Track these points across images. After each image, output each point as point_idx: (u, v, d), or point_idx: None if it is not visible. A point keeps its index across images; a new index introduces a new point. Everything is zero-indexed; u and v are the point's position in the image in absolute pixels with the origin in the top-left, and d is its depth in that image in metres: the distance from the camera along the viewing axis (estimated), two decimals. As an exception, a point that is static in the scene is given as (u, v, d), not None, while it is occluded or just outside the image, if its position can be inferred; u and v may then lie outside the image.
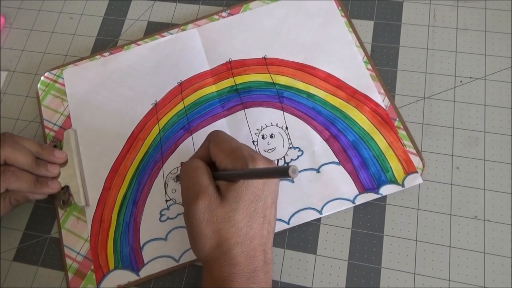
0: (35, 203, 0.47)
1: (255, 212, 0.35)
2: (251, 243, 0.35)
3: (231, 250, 0.35)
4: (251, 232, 0.35)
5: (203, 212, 0.35)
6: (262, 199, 0.36)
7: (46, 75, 0.52)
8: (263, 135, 0.47)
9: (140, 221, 0.45)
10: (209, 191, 0.35)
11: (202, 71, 0.50)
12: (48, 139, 0.49)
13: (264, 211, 0.36)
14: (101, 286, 0.43)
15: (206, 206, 0.35)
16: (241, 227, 0.35)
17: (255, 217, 0.35)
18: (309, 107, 0.47)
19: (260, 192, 0.36)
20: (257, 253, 0.35)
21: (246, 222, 0.35)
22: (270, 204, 0.36)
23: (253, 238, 0.35)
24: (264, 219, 0.36)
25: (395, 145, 0.45)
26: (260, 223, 0.36)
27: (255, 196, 0.35)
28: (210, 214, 0.35)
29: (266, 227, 0.36)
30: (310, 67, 0.49)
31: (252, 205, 0.35)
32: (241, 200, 0.35)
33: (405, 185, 0.43)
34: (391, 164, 0.44)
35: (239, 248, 0.35)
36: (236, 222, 0.35)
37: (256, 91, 0.48)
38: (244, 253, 0.35)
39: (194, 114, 0.48)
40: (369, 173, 0.44)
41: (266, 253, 0.36)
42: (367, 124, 0.46)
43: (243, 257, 0.35)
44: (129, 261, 0.43)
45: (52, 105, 0.51)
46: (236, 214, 0.35)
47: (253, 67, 0.49)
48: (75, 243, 0.45)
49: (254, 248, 0.35)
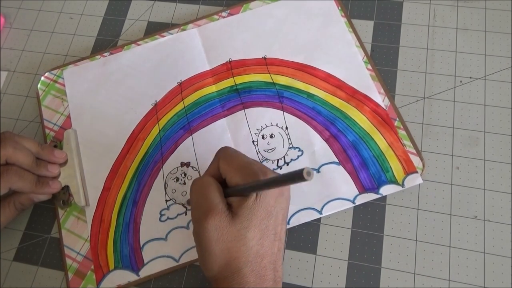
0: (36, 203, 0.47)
1: (267, 229, 0.35)
2: (261, 261, 0.34)
3: (241, 269, 0.34)
4: (262, 250, 0.34)
5: (213, 230, 0.34)
6: (273, 216, 0.35)
7: (46, 75, 0.52)
8: (263, 135, 0.47)
9: (140, 221, 0.45)
10: (220, 209, 0.34)
11: (202, 71, 0.50)
12: (48, 139, 0.49)
13: (275, 227, 0.35)
14: (101, 286, 0.43)
15: (217, 224, 0.34)
16: (252, 246, 0.34)
17: (266, 234, 0.35)
18: (309, 107, 0.47)
19: (271, 209, 0.35)
20: (267, 272, 0.34)
21: (257, 240, 0.34)
22: (281, 221, 0.36)
23: (263, 257, 0.34)
24: (275, 236, 0.35)
25: (395, 145, 0.45)
26: (271, 240, 0.35)
27: (267, 213, 0.34)
28: (220, 232, 0.34)
29: (277, 244, 0.35)
30: (310, 67, 0.49)
31: (264, 222, 0.34)
32: (253, 217, 0.34)
33: (405, 185, 0.43)
34: (391, 164, 0.44)
35: (249, 267, 0.34)
36: (247, 240, 0.34)
37: (256, 91, 0.48)
38: (254, 272, 0.34)
39: (194, 114, 0.48)
40: (369, 173, 0.44)
41: (276, 271, 0.35)
42: (367, 124, 0.46)
43: (252, 276, 0.34)
44: (129, 261, 0.43)
45: (52, 105, 0.51)
46: (248, 232, 0.34)
47: (253, 67, 0.49)
48: (75, 243, 0.45)
49: (264, 267, 0.34)
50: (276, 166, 0.45)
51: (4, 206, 0.43)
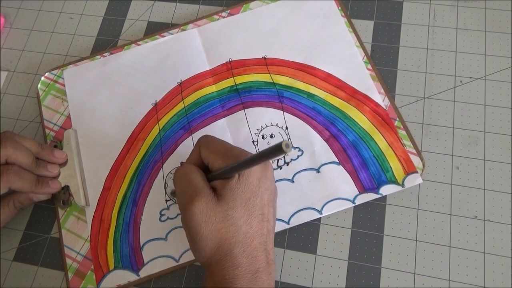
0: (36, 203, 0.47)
1: (253, 209, 0.35)
2: (252, 242, 0.35)
3: (232, 250, 0.34)
4: (250, 230, 0.35)
5: (201, 213, 0.34)
6: (259, 196, 0.35)
7: (46, 75, 0.52)
8: (263, 135, 0.47)
9: (140, 221, 0.45)
10: (205, 192, 0.35)
11: (202, 71, 0.50)
12: (49, 139, 0.49)
13: (262, 208, 0.36)
14: (101, 286, 0.43)
15: (203, 207, 0.34)
16: (240, 225, 0.35)
17: (253, 215, 0.35)
18: (309, 107, 0.47)
19: (256, 189, 0.35)
20: (259, 253, 0.35)
21: (245, 220, 0.35)
22: (267, 202, 0.36)
23: (253, 237, 0.35)
24: (262, 217, 0.36)
25: (395, 145, 0.45)
26: (259, 220, 0.35)
27: (252, 193, 0.35)
28: (207, 214, 0.34)
29: (266, 225, 0.36)
30: (310, 67, 0.49)
31: (250, 202, 0.35)
32: (238, 197, 0.35)
33: (405, 185, 0.43)
34: (391, 164, 0.44)
35: (240, 248, 0.34)
36: (235, 220, 0.34)
37: (256, 91, 0.48)
38: (246, 253, 0.34)
39: (194, 114, 0.48)
40: (369, 173, 0.44)
41: (268, 253, 0.36)
42: (367, 124, 0.46)
43: (244, 257, 0.34)
44: (129, 261, 0.43)
45: (52, 105, 0.51)
46: (235, 212, 0.34)
47: (253, 67, 0.49)
48: (75, 243, 0.45)
49: (255, 248, 0.35)
50: (276, 166, 0.45)
51: (4, 206, 0.43)
